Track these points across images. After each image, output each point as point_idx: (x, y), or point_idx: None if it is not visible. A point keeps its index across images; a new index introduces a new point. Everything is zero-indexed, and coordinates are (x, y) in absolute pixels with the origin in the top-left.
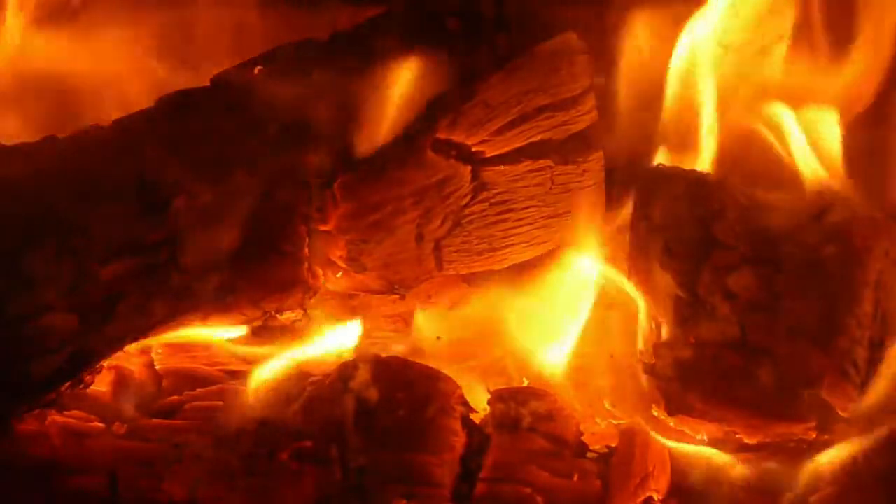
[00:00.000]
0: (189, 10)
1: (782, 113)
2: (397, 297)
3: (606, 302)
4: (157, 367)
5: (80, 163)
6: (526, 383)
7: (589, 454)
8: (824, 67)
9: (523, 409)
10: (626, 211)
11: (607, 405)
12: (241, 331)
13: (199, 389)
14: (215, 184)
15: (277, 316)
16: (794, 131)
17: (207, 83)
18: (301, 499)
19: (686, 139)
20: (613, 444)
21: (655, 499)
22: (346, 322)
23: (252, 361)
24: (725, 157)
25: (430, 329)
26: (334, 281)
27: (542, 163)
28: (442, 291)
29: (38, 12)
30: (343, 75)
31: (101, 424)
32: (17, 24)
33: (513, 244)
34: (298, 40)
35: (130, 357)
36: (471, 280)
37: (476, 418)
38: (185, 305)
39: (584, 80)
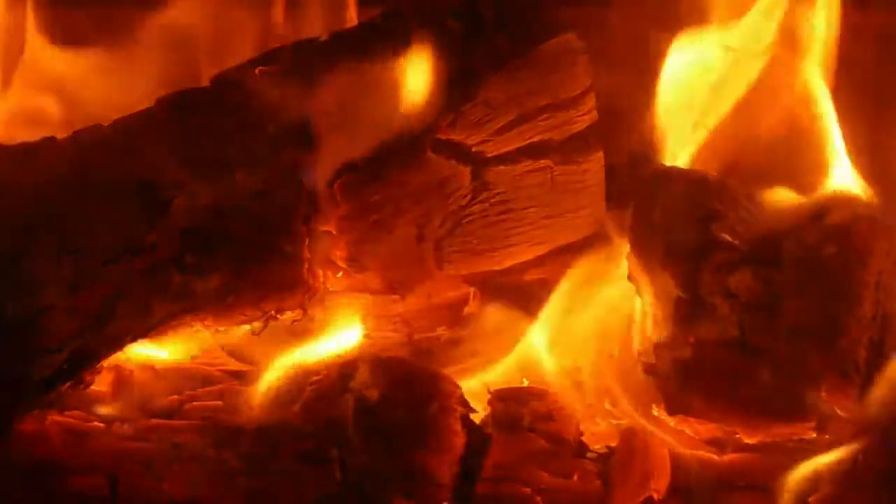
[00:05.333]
0: (189, 10)
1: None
2: (397, 297)
3: (606, 302)
4: (157, 367)
5: (80, 163)
6: (526, 383)
7: (589, 454)
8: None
9: (523, 409)
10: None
11: (607, 405)
12: (242, 331)
13: (199, 389)
14: (215, 184)
15: (277, 316)
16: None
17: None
18: (301, 499)
19: (686, 139)
20: (613, 444)
21: (655, 499)
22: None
23: (253, 362)
24: (725, 156)
25: None
26: (334, 281)
27: (542, 163)
28: (442, 292)
29: None
30: (343, 75)
31: (101, 424)
32: None
33: (513, 244)
34: (298, 40)
35: (130, 357)
36: (471, 280)
37: (476, 418)
38: (185, 305)
39: (584, 80)
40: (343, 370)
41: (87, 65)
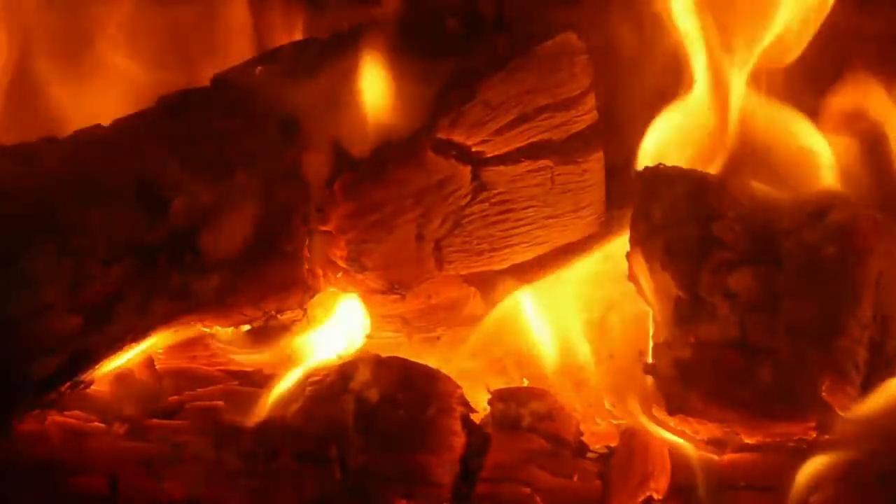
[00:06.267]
0: (189, 10)
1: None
2: (397, 297)
3: (607, 302)
4: (157, 367)
5: (80, 163)
6: (526, 383)
7: (589, 454)
8: None
9: (523, 409)
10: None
11: (607, 405)
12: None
13: (199, 389)
14: (215, 184)
15: (277, 316)
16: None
17: (207, 83)
18: (301, 499)
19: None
20: (613, 444)
21: (655, 499)
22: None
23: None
24: (726, 156)
25: None
26: (334, 281)
27: (542, 163)
28: (442, 292)
29: None
30: (343, 75)
31: (101, 424)
32: None
33: (513, 244)
34: (298, 40)
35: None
36: (471, 280)
37: (476, 418)
38: (185, 305)
39: (584, 81)
40: (343, 370)
41: None
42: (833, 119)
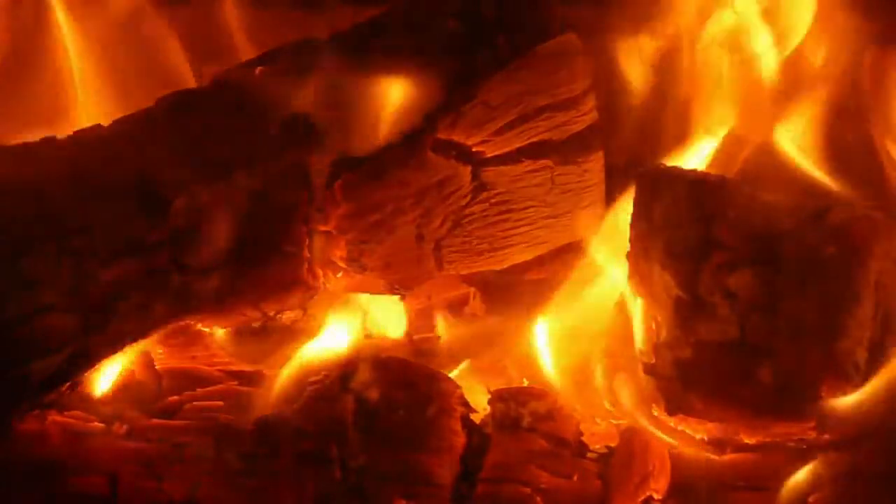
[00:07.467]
0: (188, 10)
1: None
2: (397, 297)
3: (606, 302)
4: (157, 367)
5: (80, 163)
6: (526, 383)
7: (589, 454)
8: None
9: (523, 409)
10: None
11: (607, 405)
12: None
13: (199, 389)
14: (215, 184)
15: (277, 317)
16: None
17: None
18: (301, 499)
19: (686, 139)
20: (613, 444)
21: (655, 499)
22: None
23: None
24: (725, 157)
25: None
26: (334, 281)
27: (542, 163)
28: (442, 292)
29: None
30: (343, 75)
31: (101, 424)
32: None
33: (513, 244)
34: (298, 40)
35: (130, 357)
36: (471, 280)
37: (476, 418)
38: (185, 306)
39: (584, 81)
40: (343, 370)
41: None
42: None
